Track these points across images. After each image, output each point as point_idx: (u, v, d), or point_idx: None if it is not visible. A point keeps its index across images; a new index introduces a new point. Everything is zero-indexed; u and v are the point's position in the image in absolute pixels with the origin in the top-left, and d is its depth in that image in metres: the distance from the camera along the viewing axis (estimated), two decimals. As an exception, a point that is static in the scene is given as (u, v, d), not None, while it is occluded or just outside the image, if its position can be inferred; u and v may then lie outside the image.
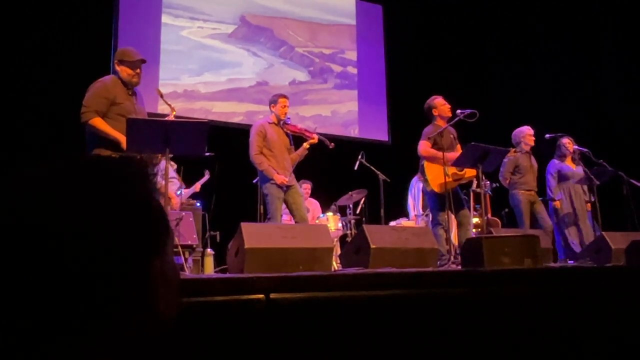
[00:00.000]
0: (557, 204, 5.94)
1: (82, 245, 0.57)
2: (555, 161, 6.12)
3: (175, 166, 5.67)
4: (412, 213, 7.15)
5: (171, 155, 5.53)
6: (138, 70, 3.84)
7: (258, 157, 4.87)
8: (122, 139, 3.59)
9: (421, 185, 6.98)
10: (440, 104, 5.16)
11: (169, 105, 3.88)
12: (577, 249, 5.77)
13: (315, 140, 4.97)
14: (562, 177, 6.04)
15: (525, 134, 5.89)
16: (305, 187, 7.18)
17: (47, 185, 0.60)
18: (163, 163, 3.46)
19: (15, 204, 0.59)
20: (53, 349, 0.57)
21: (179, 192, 5.73)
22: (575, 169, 6.05)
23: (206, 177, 6.36)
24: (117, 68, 3.86)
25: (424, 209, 6.97)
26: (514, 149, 5.74)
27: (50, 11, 6.31)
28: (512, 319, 2.39)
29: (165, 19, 7.43)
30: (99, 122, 3.66)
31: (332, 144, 5.05)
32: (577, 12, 8.54)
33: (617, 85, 8.35)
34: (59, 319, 0.56)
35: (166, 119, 3.79)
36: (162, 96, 3.99)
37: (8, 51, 5.95)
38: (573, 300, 2.55)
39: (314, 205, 7.19)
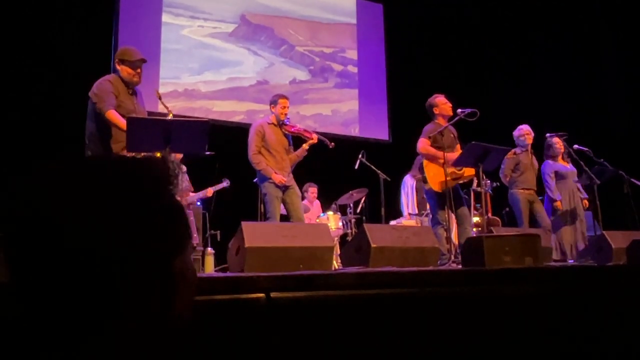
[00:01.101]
0: (558, 204, 5.89)
1: (106, 244, 0.59)
2: (549, 162, 6.08)
3: (185, 169, 5.70)
4: (405, 211, 7.12)
5: (180, 157, 5.60)
6: (139, 70, 3.85)
7: (256, 157, 4.88)
8: None
9: (414, 183, 7.00)
10: (441, 103, 5.16)
11: (166, 107, 3.87)
12: (567, 252, 5.77)
13: (315, 141, 4.96)
14: (560, 177, 6.02)
15: (520, 133, 5.90)
16: (312, 190, 7.17)
17: (72, 185, 0.61)
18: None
19: (36, 205, 0.59)
20: (74, 345, 0.57)
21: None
22: (569, 167, 6.05)
23: (224, 184, 6.21)
24: (118, 67, 3.87)
25: (418, 207, 6.95)
26: (512, 151, 5.72)
27: (51, 10, 6.31)
28: (512, 318, 2.39)
29: (165, 18, 7.42)
30: (115, 115, 3.67)
31: (332, 143, 5.02)
32: (577, 12, 8.53)
33: (618, 84, 8.35)
34: (83, 316, 0.58)
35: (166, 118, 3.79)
36: (160, 98, 3.99)
37: (8, 51, 5.94)
38: (574, 300, 2.55)
39: (315, 205, 7.19)
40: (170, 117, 3.79)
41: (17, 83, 5.93)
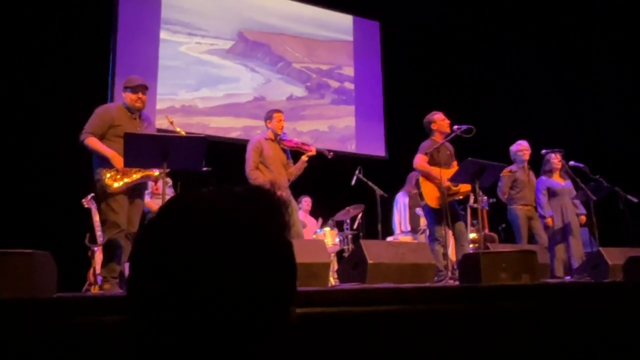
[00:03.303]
0: (548, 221, 5.89)
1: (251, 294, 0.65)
2: (543, 178, 6.07)
3: (170, 182, 5.67)
4: (397, 229, 7.09)
5: (167, 170, 5.57)
6: (140, 95, 3.96)
7: (254, 173, 4.87)
8: (112, 155, 3.72)
9: (407, 200, 6.99)
10: (439, 120, 5.17)
11: (180, 131, 3.93)
12: (560, 268, 5.76)
13: (314, 152, 4.95)
14: (552, 194, 6.01)
15: (518, 149, 5.92)
16: (306, 200, 7.17)
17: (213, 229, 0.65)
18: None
19: (179, 258, 0.64)
20: None
21: None
22: (564, 184, 6.04)
23: None
24: (123, 95, 4.02)
25: (411, 224, 6.92)
26: (508, 169, 5.72)
27: (49, 26, 6.33)
28: (509, 334, 2.38)
29: (163, 34, 7.47)
30: (92, 142, 3.80)
31: (332, 153, 5.05)
32: (573, 29, 8.62)
33: (613, 101, 8.41)
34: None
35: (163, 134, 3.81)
36: (172, 123, 4.04)
37: (6, 69, 5.95)
38: (570, 316, 2.54)
39: (310, 221, 7.17)
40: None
41: (16, 99, 5.94)
